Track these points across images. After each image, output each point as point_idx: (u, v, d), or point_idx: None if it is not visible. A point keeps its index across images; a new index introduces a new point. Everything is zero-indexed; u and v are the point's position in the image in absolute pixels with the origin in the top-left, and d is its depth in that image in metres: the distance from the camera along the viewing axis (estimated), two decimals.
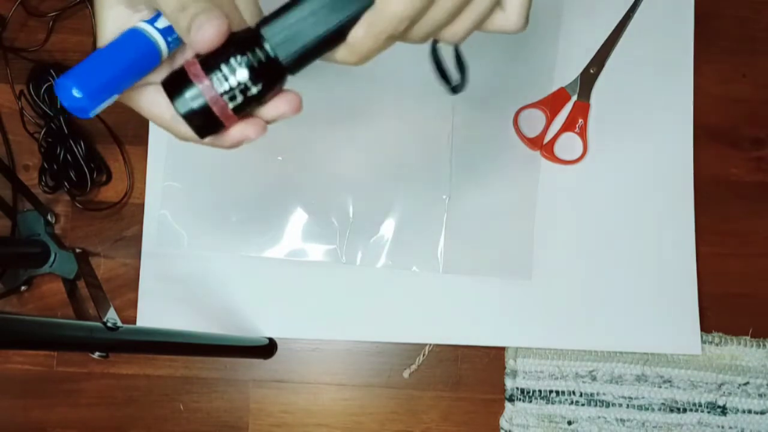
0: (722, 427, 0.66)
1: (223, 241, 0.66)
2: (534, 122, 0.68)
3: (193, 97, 0.29)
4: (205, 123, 0.30)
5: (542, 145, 0.67)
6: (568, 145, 0.67)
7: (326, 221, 0.66)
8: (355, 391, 0.66)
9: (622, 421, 0.66)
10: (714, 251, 0.67)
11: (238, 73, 0.29)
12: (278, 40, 0.29)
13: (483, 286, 0.66)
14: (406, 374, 0.66)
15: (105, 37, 0.31)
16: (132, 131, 0.68)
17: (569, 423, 0.66)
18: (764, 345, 0.66)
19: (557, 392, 0.66)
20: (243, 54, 0.29)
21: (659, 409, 0.66)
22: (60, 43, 0.68)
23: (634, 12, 0.68)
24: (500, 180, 0.67)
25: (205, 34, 0.28)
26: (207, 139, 0.32)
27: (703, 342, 0.66)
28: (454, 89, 0.37)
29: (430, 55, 0.38)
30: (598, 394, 0.66)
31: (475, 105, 0.67)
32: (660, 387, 0.66)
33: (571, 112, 0.68)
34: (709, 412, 0.66)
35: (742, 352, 0.66)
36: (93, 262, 0.66)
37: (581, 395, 0.66)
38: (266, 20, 0.30)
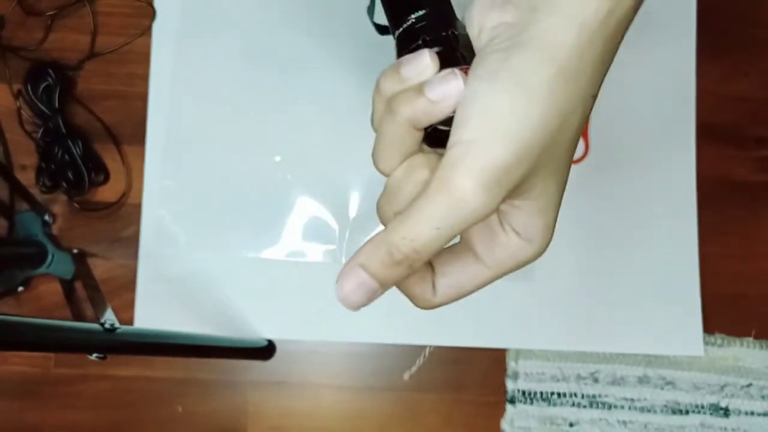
0: (725, 429, 0.66)
1: (221, 242, 0.66)
2: None
3: None
4: None
5: None
6: None
7: (325, 222, 0.66)
8: (355, 393, 0.66)
9: (624, 423, 0.65)
10: (716, 252, 0.67)
11: None
12: None
13: (484, 287, 0.65)
14: (406, 376, 0.66)
15: None
16: (129, 131, 0.67)
17: (571, 425, 0.65)
18: (767, 346, 0.66)
19: (559, 394, 0.65)
20: None
21: (661, 411, 0.66)
22: (58, 42, 0.68)
23: (635, 11, 0.68)
24: None
25: None
26: None
27: (706, 343, 0.66)
28: (382, 29, 0.36)
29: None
30: (600, 396, 0.66)
31: None
32: (662, 389, 0.66)
33: None
34: (711, 414, 0.66)
35: (745, 353, 0.66)
36: (90, 262, 0.66)
37: (583, 397, 0.65)
38: None
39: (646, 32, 0.68)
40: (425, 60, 0.27)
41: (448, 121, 0.27)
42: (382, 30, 0.35)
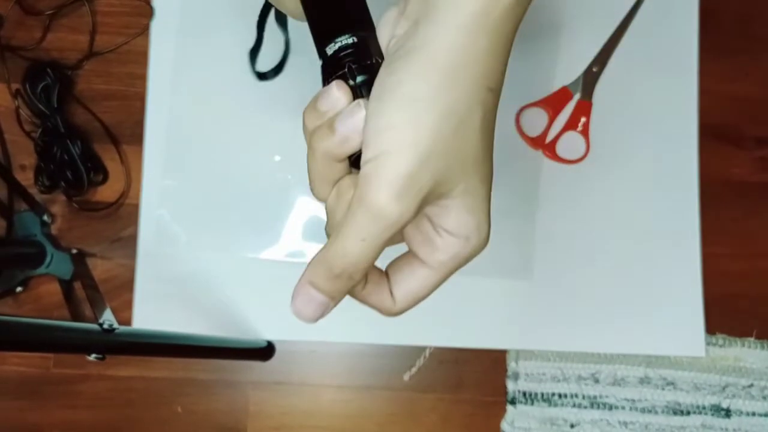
0: (726, 429, 0.65)
1: (221, 242, 0.66)
2: (536, 121, 0.67)
3: None
4: None
5: (544, 145, 0.67)
6: (571, 144, 0.67)
7: (325, 222, 0.66)
8: (355, 393, 0.66)
9: (625, 423, 0.65)
10: (718, 252, 0.67)
11: None
12: None
13: (484, 288, 0.65)
14: (406, 377, 0.66)
15: None
16: (128, 130, 0.67)
17: (572, 426, 0.65)
18: None
19: (559, 395, 0.65)
20: None
21: (662, 412, 0.65)
22: (56, 42, 0.68)
23: (637, 10, 0.68)
24: (502, 179, 0.66)
25: None
26: None
27: (707, 344, 0.65)
28: (261, 76, 0.37)
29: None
30: (600, 396, 0.65)
31: None
32: (663, 389, 0.65)
33: (573, 111, 0.67)
34: (713, 415, 0.65)
35: (746, 353, 0.66)
36: (89, 262, 0.65)
37: (584, 398, 0.65)
38: None
39: (648, 32, 0.68)
40: (334, 93, 0.29)
41: None
42: (261, 77, 0.36)
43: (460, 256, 0.30)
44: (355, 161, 0.29)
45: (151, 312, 0.65)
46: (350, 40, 0.29)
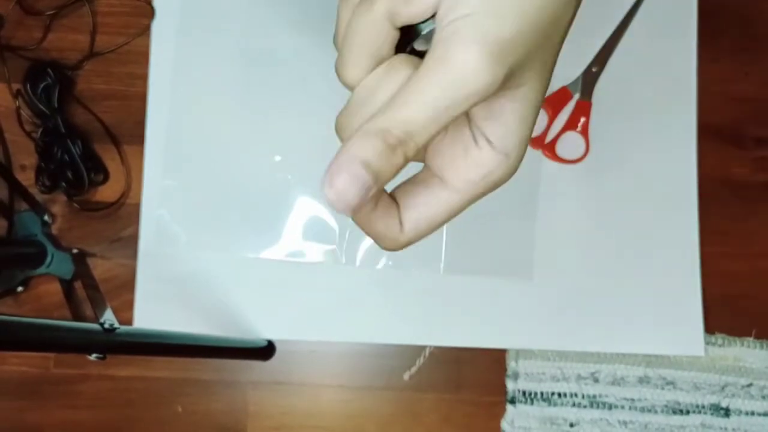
0: (725, 429, 0.65)
1: (221, 242, 0.66)
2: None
3: None
4: None
5: (544, 145, 0.67)
6: (571, 144, 0.67)
7: (325, 222, 0.66)
8: (355, 393, 0.66)
9: (625, 423, 0.65)
10: (717, 251, 0.67)
11: None
12: None
13: (484, 287, 0.65)
14: (406, 376, 0.66)
15: None
16: (129, 130, 0.67)
17: (571, 425, 0.65)
18: None
19: (559, 394, 0.65)
20: None
21: (662, 411, 0.65)
22: (57, 42, 0.68)
23: (637, 10, 0.68)
24: None
25: None
26: None
27: (707, 343, 0.66)
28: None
29: None
30: (600, 396, 0.65)
31: None
32: (663, 389, 0.65)
33: (573, 111, 0.67)
34: (712, 414, 0.65)
35: (746, 353, 0.66)
36: (90, 262, 0.65)
37: (583, 397, 0.65)
38: None
39: (648, 32, 0.68)
40: None
41: (428, 38, 0.24)
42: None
43: (491, 178, 0.26)
44: (410, 50, 0.26)
45: (152, 312, 0.65)
46: None
